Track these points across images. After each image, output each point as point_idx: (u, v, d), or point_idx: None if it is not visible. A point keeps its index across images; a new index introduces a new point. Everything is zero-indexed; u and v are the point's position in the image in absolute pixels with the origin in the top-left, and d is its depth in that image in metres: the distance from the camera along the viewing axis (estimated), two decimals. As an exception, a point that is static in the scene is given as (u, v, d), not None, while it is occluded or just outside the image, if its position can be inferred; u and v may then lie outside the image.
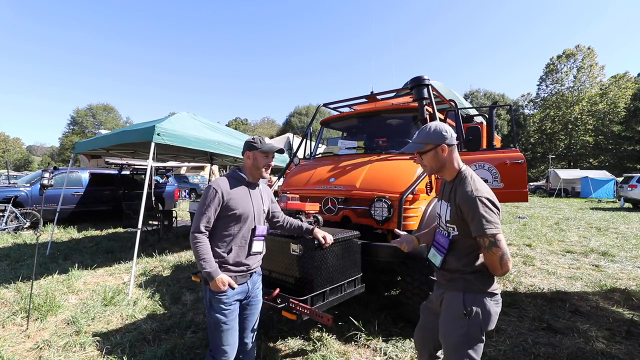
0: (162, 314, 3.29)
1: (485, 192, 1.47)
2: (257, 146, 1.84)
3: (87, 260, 5.24)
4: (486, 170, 3.17)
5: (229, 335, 1.76)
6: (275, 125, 67.22)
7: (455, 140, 1.55)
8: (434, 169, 1.59)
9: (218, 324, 1.74)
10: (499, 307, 1.53)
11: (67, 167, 7.53)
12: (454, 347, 1.50)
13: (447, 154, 1.54)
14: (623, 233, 8.03)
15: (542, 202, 18.85)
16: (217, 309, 1.74)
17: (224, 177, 1.84)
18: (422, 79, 3.11)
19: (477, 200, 1.42)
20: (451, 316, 1.53)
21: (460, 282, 1.52)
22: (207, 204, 1.72)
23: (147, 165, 4.63)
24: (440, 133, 1.52)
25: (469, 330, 1.47)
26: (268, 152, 1.86)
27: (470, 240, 1.49)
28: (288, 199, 2.66)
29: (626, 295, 3.82)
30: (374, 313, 3.20)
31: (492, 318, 1.49)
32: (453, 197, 1.53)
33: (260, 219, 1.90)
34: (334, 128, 4.80)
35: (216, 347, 1.77)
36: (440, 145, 1.52)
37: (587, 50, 38.02)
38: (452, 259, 1.56)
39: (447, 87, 4.69)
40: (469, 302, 1.48)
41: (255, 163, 1.86)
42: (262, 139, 1.88)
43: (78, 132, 52.90)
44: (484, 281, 1.50)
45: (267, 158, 1.88)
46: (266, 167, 1.89)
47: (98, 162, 9.84)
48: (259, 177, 1.91)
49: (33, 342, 2.73)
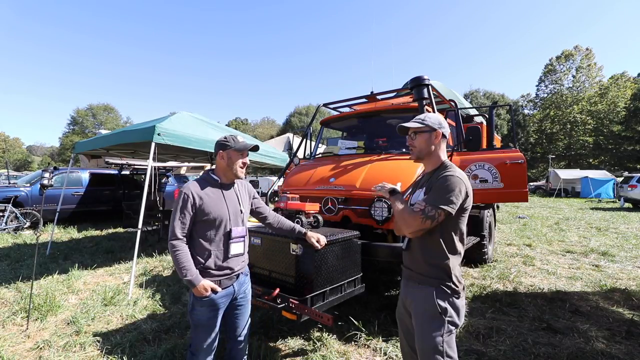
0: (162, 314, 3.29)
1: (465, 178, 1.51)
2: (231, 145, 1.78)
3: (87, 260, 5.24)
4: (486, 170, 3.17)
5: (210, 335, 1.79)
6: (275, 125, 67.20)
7: (448, 135, 1.63)
8: (422, 152, 1.63)
9: (199, 325, 1.76)
10: (464, 300, 1.55)
11: (67, 167, 7.54)
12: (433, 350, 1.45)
13: (438, 141, 1.60)
14: (623, 233, 8.03)
15: (542, 202, 18.85)
16: (199, 312, 1.75)
17: (195, 181, 1.80)
18: (422, 79, 3.12)
19: (450, 177, 1.48)
20: (425, 317, 1.49)
21: (429, 277, 1.51)
22: (180, 209, 1.69)
23: (147, 165, 4.63)
24: (439, 121, 1.61)
25: (446, 329, 1.46)
26: (242, 149, 1.81)
27: (437, 231, 1.50)
28: (288, 199, 2.66)
29: (626, 295, 3.82)
30: (374, 313, 3.20)
31: (461, 312, 1.52)
32: (433, 181, 1.55)
33: (237, 220, 1.85)
34: (334, 128, 4.80)
35: (196, 346, 1.80)
36: (435, 130, 1.59)
37: (586, 50, 38.05)
38: (418, 251, 1.56)
39: (447, 87, 4.70)
40: (441, 299, 1.47)
41: (230, 162, 1.80)
42: (235, 137, 1.82)
43: (78, 132, 52.87)
44: (452, 276, 1.49)
45: (242, 156, 1.82)
46: (241, 166, 1.83)
47: (98, 162, 9.82)
48: (234, 177, 1.85)
49: (33, 342, 2.73)
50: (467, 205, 1.50)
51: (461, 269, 1.58)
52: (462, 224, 1.54)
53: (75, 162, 8.13)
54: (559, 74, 39.67)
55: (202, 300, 1.73)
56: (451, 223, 1.50)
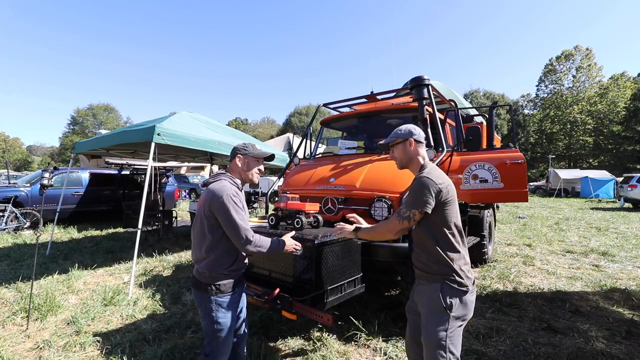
0: (162, 314, 3.29)
1: (435, 176, 1.56)
2: (250, 151, 1.85)
3: (87, 260, 5.24)
4: (486, 170, 3.17)
5: (230, 336, 1.78)
6: (275, 125, 67.18)
7: (422, 139, 1.73)
8: (403, 161, 1.75)
9: (223, 329, 1.72)
10: (473, 295, 1.58)
11: (67, 167, 7.54)
12: (436, 344, 1.49)
13: (414, 148, 1.71)
14: (623, 233, 8.03)
15: (542, 202, 18.85)
16: (225, 315, 1.73)
17: (232, 184, 1.76)
18: (422, 79, 3.11)
19: (420, 178, 1.57)
20: (431, 312, 1.55)
21: (434, 274, 1.56)
22: (237, 212, 1.66)
23: (147, 165, 4.63)
24: (409, 130, 1.72)
25: (450, 325, 1.49)
26: (260, 157, 1.89)
27: (425, 229, 1.58)
28: (288, 199, 2.66)
29: (626, 295, 3.82)
30: (374, 313, 3.20)
31: (470, 307, 1.55)
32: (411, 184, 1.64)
33: None
34: (334, 128, 4.80)
35: (217, 350, 1.76)
36: (407, 139, 1.70)
37: (586, 50, 38.05)
38: (418, 251, 1.64)
39: (447, 87, 4.69)
40: (446, 295, 1.52)
41: (248, 168, 1.86)
42: (254, 145, 1.90)
43: (78, 132, 52.91)
44: (455, 271, 1.53)
45: (258, 163, 1.90)
46: (257, 172, 1.90)
47: (98, 162, 9.83)
48: (249, 181, 1.90)
49: (33, 342, 2.73)
50: (444, 199, 1.54)
51: (469, 264, 1.61)
52: (452, 217, 1.57)
53: (75, 162, 8.13)
54: (559, 74, 39.70)
55: (229, 301, 1.73)
56: (438, 219, 1.55)
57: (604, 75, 37.82)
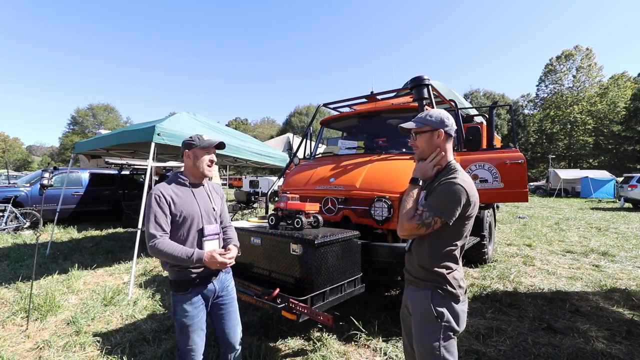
0: (162, 314, 3.28)
1: (468, 186, 1.40)
2: (196, 143, 1.78)
3: (87, 260, 5.24)
4: (486, 170, 3.17)
5: (195, 336, 1.76)
6: (275, 125, 67.21)
7: (453, 132, 1.51)
8: (424, 153, 1.54)
9: (183, 327, 1.74)
10: (465, 305, 1.48)
11: (67, 167, 7.54)
12: (430, 354, 1.42)
13: (442, 140, 1.50)
14: (623, 233, 8.02)
15: (542, 202, 18.85)
16: (181, 312, 1.73)
17: (164, 182, 1.79)
18: (422, 79, 3.11)
19: (452, 184, 1.38)
20: (422, 321, 1.45)
21: (427, 281, 1.47)
22: (153, 211, 1.67)
23: (147, 165, 4.63)
24: (441, 119, 1.49)
25: (443, 334, 1.40)
26: (208, 147, 1.80)
27: (433, 236, 1.44)
28: (288, 199, 2.66)
29: (626, 295, 3.82)
30: (374, 313, 3.20)
31: (461, 318, 1.44)
32: (435, 185, 1.46)
33: (209, 218, 1.84)
34: (334, 128, 4.80)
35: (183, 348, 1.77)
36: (438, 130, 1.49)
37: (586, 50, 38.06)
38: (415, 254, 1.52)
39: (447, 87, 4.69)
40: (437, 304, 1.42)
41: (196, 161, 1.79)
42: (201, 136, 1.81)
43: (78, 132, 52.95)
44: (449, 281, 1.43)
45: (209, 153, 1.82)
46: (208, 164, 1.82)
47: (98, 162, 9.82)
48: (202, 176, 1.84)
49: (33, 342, 2.73)
50: (469, 213, 1.41)
51: (462, 273, 1.54)
52: (466, 232, 1.46)
53: (75, 162, 8.12)
54: (559, 74, 39.72)
55: (183, 299, 1.72)
56: (452, 230, 1.43)
57: (604, 75, 37.89)
